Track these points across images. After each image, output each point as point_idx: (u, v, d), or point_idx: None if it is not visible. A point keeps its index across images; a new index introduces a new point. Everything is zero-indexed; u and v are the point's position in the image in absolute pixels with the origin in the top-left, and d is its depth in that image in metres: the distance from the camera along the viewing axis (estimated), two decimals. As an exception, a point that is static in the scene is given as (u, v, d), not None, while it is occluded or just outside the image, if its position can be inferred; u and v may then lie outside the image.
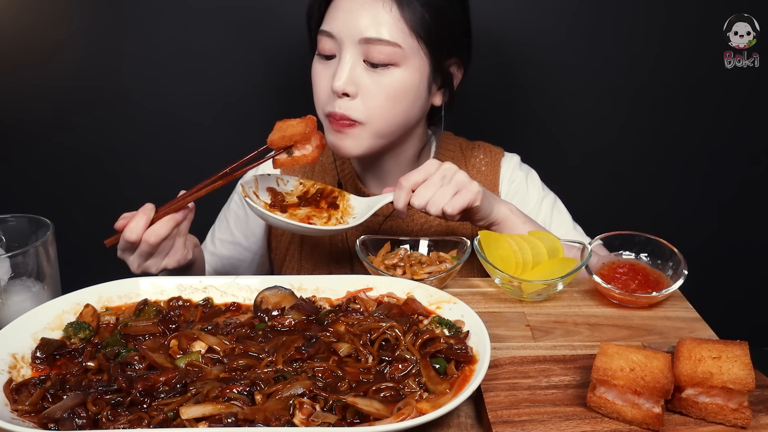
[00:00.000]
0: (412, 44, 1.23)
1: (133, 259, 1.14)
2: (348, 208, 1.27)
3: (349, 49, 1.22)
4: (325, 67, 1.27)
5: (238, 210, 1.53)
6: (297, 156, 1.15)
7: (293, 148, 1.15)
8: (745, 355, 0.81)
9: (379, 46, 1.20)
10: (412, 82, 1.25)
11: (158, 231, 1.10)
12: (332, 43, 1.24)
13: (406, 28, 1.21)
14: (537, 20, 1.84)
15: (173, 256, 1.16)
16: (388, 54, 1.21)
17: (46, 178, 1.96)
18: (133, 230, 1.09)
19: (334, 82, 1.22)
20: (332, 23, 1.24)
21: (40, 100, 1.88)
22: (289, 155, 1.15)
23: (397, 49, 1.21)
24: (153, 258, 1.14)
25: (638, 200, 2.05)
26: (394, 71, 1.23)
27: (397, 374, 0.87)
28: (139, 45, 1.82)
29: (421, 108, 1.32)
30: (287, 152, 1.15)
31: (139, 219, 1.10)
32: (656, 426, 0.78)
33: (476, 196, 1.16)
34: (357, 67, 1.23)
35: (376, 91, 1.23)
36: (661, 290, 1.09)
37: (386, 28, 1.20)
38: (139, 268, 1.15)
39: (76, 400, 0.79)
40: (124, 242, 1.11)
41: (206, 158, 1.60)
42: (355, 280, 1.09)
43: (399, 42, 1.21)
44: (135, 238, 1.09)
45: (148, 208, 1.12)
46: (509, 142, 1.55)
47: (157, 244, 1.11)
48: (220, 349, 0.92)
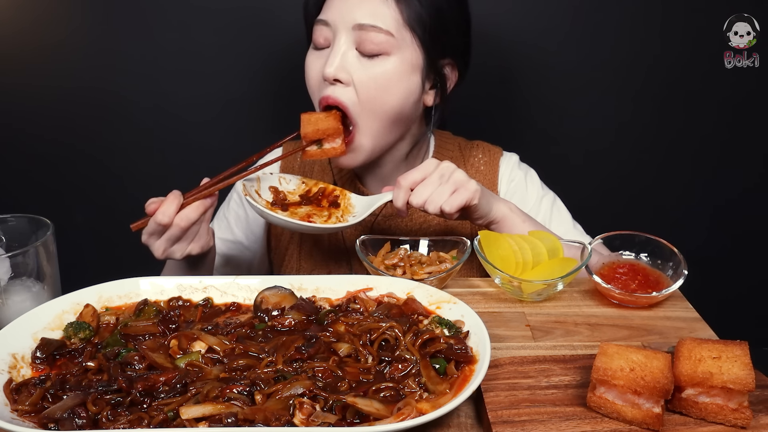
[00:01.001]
0: (406, 36, 1.23)
1: (159, 244, 1.15)
2: (349, 207, 1.27)
3: (342, 35, 1.23)
4: (318, 56, 1.28)
5: (238, 209, 1.53)
6: (327, 149, 1.20)
7: (323, 141, 1.18)
8: (745, 355, 0.81)
9: (372, 33, 1.21)
10: (404, 73, 1.25)
11: (189, 215, 1.13)
12: (327, 32, 1.25)
13: (401, 20, 1.22)
14: (537, 20, 1.84)
15: (198, 241, 1.18)
16: (379, 43, 1.21)
17: (46, 178, 1.96)
18: (165, 213, 1.11)
19: (325, 68, 1.23)
20: (328, 12, 1.25)
21: (40, 100, 1.88)
22: (319, 147, 1.19)
23: (389, 38, 1.21)
24: (180, 243, 1.16)
25: (638, 200, 2.05)
26: (386, 60, 1.23)
27: (396, 374, 0.87)
28: (139, 45, 1.83)
29: (415, 104, 1.31)
30: (317, 144, 1.19)
31: (171, 202, 1.12)
32: (656, 426, 0.78)
33: (474, 194, 1.16)
34: (349, 54, 1.23)
35: (366, 80, 1.23)
36: (661, 290, 1.09)
37: (381, 16, 1.21)
38: (164, 254, 1.16)
39: (76, 400, 0.79)
40: (154, 225, 1.13)
41: (206, 158, 1.60)
42: (355, 280, 1.09)
43: (392, 31, 1.21)
44: (167, 221, 1.11)
45: (178, 194, 1.14)
46: (509, 142, 1.55)
47: (187, 228, 1.14)
48: (220, 349, 0.92)
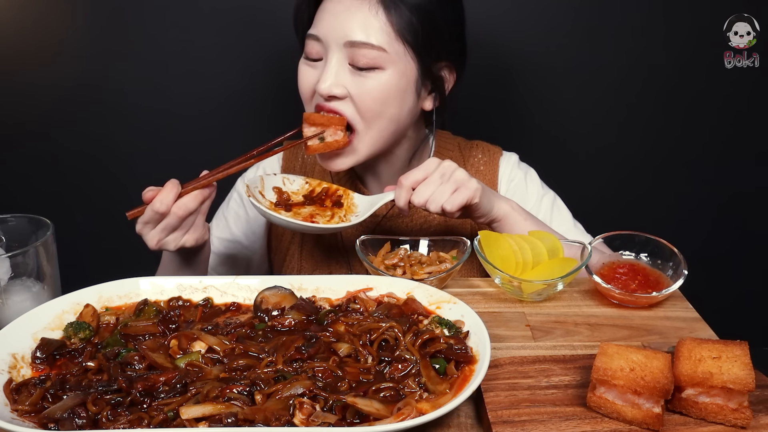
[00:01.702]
0: (398, 48, 1.22)
1: (154, 234, 1.14)
2: (352, 207, 1.28)
3: (335, 52, 1.22)
4: (311, 70, 1.28)
5: (238, 208, 1.52)
6: (329, 141, 1.17)
7: (325, 134, 1.16)
8: (745, 355, 0.81)
9: (364, 50, 1.20)
10: (398, 86, 1.24)
11: (187, 204, 1.12)
12: (319, 47, 1.25)
13: (392, 32, 1.21)
14: (537, 20, 1.84)
15: (193, 233, 1.17)
16: (372, 58, 1.21)
17: (46, 178, 1.96)
18: (162, 201, 1.10)
19: (319, 84, 1.23)
20: (319, 26, 1.24)
21: (40, 100, 1.88)
22: (321, 141, 1.17)
23: (381, 53, 1.21)
24: (175, 232, 1.15)
25: (638, 200, 2.05)
26: (380, 74, 1.22)
27: (396, 374, 0.87)
28: (139, 45, 1.83)
29: (410, 112, 1.31)
30: (319, 138, 1.16)
31: (169, 191, 1.11)
32: (656, 426, 0.78)
33: (475, 193, 1.16)
34: (342, 70, 1.23)
35: (361, 94, 1.23)
36: (661, 290, 1.09)
37: (372, 31, 1.20)
38: (158, 244, 1.15)
39: (76, 400, 0.79)
40: (151, 213, 1.12)
41: (206, 157, 1.60)
42: (355, 280, 1.09)
43: (384, 46, 1.21)
44: (164, 209, 1.11)
45: (176, 182, 1.13)
46: (509, 142, 1.55)
47: (184, 217, 1.13)
48: (220, 349, 0.92)
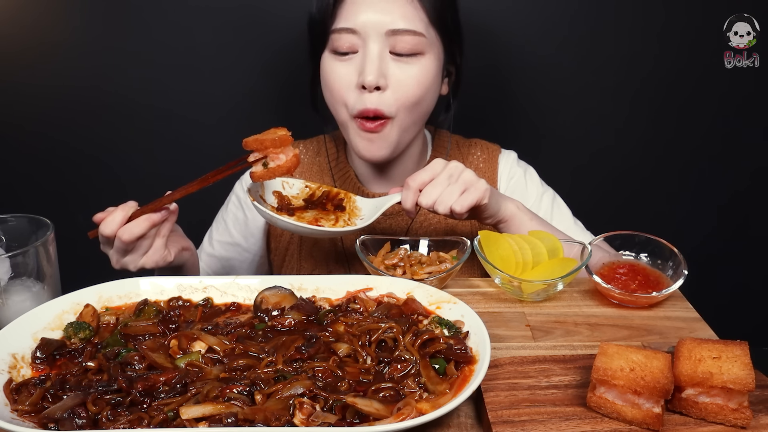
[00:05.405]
0: (432, 33, 1.25)
1: (112, 254, 1.14)
2: (355, 210, 1.27)
3: (375, 42, 1.22)
4: (345, 64, 1.26)
5: (237, 212, 1.52)
6: (272, 167, 1.10)
7: (268, 160, 1.10)
8: (745, 355, 0.81)
9: (406, 37, 1.22)
10: (436, 70, 1.28)
11: (132, 229, 1.09)
12: (354, 39, 1.24)
13: (425, 17, 1.24)
14: (536, 20, 1.84)
15: (151, 256, 1.14)
16: (413, 44, 1.23)
17: (46, 178, 1.96)
18: (108, 225, 1.09)
19: (364, 76, 1.22)
20: (353, 18, 1.23)
21: (40, 100, 1.88)
22: (264, 167, 1.10)
23: (421, 39, 1.23)
24: (130, 255, 1.13)
25: (638, 200, 2.05)
26: (421, 59, 1.25)
27: (396, 374, 0.87)
28: (139, 45, 1.82)
29: (434, 99, 1.33)
30: (263, 165, 1.10)
31: (117, 215, 1.09)
32: (656, 426, 0.78)
33: (484, 193, 1.16)
34: (385, 59, 1.23)
35: (405, 80, 1.24)
36: (661, 290, 1.09)
37: (410, 19, 1.22)
38: (117, 264, 1.14)
39: (76, 400, 0.79)
40: (100, 236, 1.11)
41: (206, 157, 1.60)
42: (355, 280, 1.09)
43: (423, 31, 1.23)
44: (109, 233, 1.09)
45: (129, 206, 1.11)
46: (508, 142, 1.55)
47: (131, 242, 1.10)
48: (220, 349, 0.92)
